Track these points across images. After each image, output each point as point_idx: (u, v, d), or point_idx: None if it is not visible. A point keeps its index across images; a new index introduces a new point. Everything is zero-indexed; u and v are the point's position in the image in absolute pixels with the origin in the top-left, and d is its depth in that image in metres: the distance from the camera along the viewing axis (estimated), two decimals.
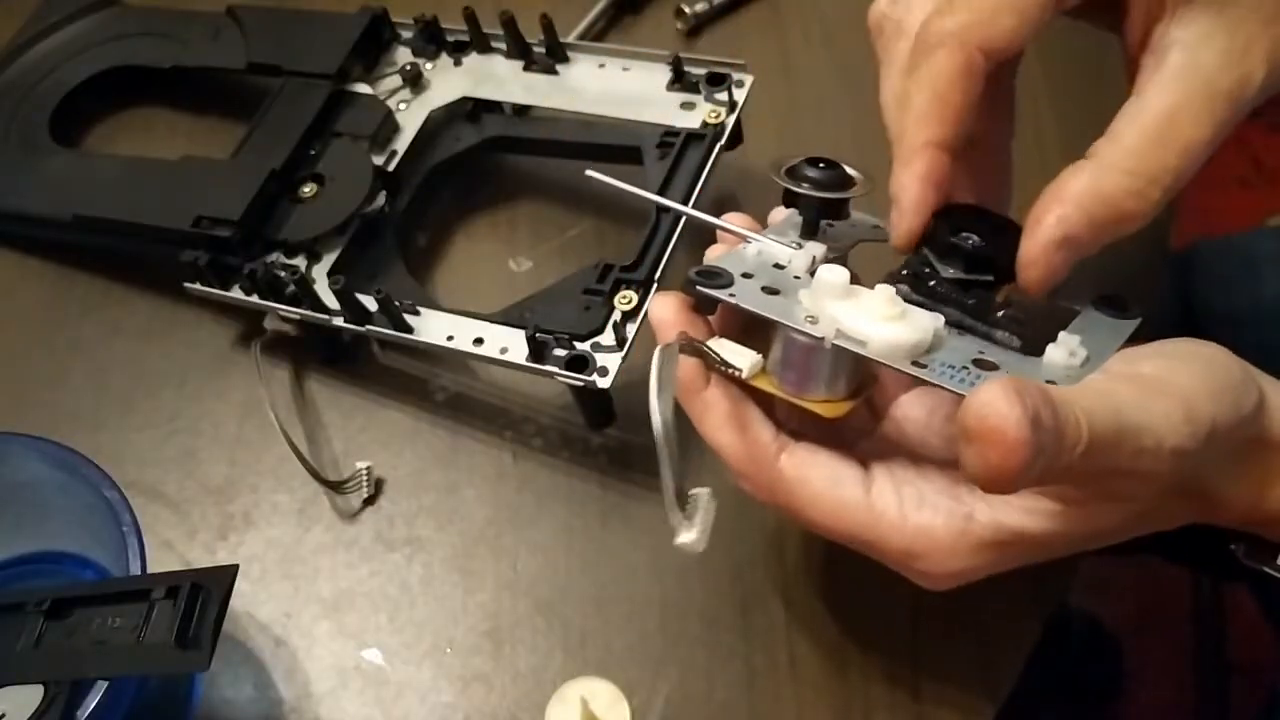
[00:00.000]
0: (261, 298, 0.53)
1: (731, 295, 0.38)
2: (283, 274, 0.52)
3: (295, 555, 0.51)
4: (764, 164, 0.58)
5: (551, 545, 0.50)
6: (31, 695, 0.42)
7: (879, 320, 0.36)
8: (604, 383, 0.47)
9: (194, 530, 0.52)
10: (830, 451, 0.39)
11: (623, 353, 0.48)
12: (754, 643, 0.47)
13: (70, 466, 0.44)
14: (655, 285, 0.49)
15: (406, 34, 0.61)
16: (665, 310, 0.39)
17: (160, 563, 0.50)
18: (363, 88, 0.59)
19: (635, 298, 0.49)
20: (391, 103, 0.59)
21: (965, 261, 0.39)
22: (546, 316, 0.49)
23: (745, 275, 0.39)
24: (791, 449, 0.39)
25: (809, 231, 0.42)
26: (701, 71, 0.56)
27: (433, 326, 0.51)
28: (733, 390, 0.39)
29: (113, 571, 0.44)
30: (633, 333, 0.48)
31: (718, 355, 0.39)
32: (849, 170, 0.42)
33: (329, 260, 0.54)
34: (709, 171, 0.52)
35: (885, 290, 0.37)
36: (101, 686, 0.39)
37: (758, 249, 0.40)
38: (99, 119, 0.66)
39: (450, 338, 0.50)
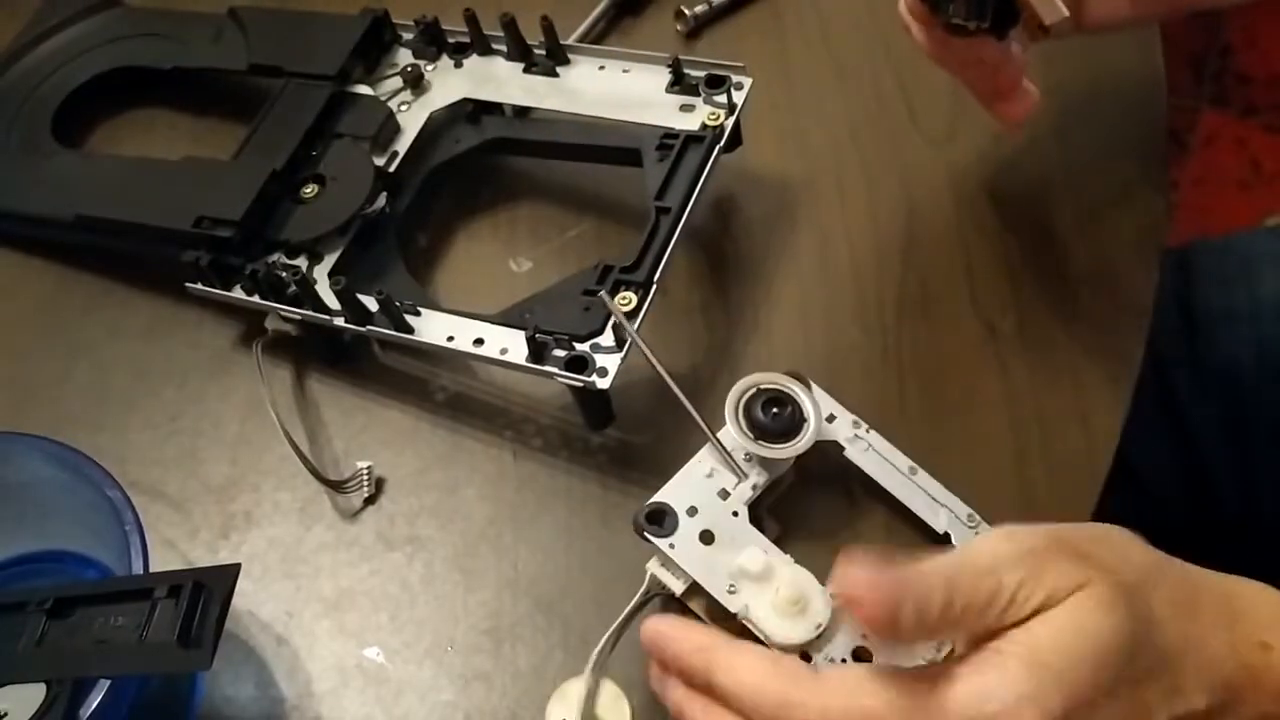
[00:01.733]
0: (263, 298, 0.53)
1: (671, 547, 0.44)
2: (284, 274, 0.52)
3: (297, 554, 0.51)
4: (764, 165, 0.59)
5: (551, 545, 0.51)
6: (34, 694, 0.42)
7: (781, 612, 0.42)
8: (603, 383, 0.48)
9: (196, 529, 0.52)
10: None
11: (622, 353, 0.48)
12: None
13: (72, 466, 0.44)
14: (654, 286, 0.50)
15: (407, 36, 0.62)
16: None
17: (162, 562, 0.50)
18: (364, 89, 0.60)
19: (634, 298, 0.49)
20: (392, 104, 0.59)
21: None
22: (546, 317, 0.49)
23: (690, 510, 0.44)
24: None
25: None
26: (701, 74, 0.56)
27: (433, 327, 0.51)
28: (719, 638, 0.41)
29: (115, 571, 0.44)
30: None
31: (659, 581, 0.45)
32: (795, 394, 0.47)
33: (330, 261, 0.54)
34: (708, 173, 0.53)
35: (794, 585, 0.42)
36: (104, 685, 0.39)
37: (709, 468, 0.46)
38: (101, 120, 0.66)
39: (450, 338, 0.50)
